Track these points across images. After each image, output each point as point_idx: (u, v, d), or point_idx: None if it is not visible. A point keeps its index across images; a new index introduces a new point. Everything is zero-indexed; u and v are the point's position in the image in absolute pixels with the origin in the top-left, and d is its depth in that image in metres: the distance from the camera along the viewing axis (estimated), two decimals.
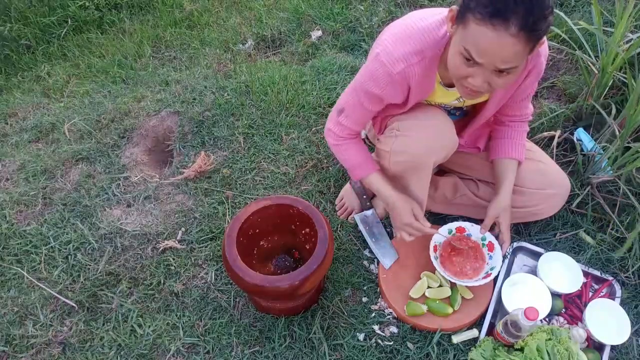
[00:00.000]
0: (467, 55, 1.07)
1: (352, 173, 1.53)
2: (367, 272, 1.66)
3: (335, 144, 1.51)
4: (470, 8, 1.02)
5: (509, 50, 1.03)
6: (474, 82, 1.12)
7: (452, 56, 1.13)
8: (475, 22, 1.02)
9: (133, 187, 1.92)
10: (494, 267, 1.52)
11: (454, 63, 1.13)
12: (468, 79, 1.13)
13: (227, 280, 1.64)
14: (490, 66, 1.07)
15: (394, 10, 2.66)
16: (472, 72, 1.11)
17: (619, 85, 1.90)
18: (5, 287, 1.65)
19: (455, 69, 1.14)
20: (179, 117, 2.15)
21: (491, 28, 1.00)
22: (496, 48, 1.03)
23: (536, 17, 0.99)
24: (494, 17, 0.99)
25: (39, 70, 2.72)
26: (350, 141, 1.49)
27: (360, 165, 1.50)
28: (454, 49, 1.11)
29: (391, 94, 1.32)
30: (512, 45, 1.02)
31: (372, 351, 1.48)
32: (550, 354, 1.32)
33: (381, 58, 1.24)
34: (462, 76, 1.13)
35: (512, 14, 0.98)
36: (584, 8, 2.44)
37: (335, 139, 1.50)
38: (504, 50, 1.03)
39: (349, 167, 1.53)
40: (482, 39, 1.03)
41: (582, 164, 1.77)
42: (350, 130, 1.46)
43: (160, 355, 1.50)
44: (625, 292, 1.56)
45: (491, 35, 1.01)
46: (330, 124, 1.49)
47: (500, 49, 1.03)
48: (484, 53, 1.05)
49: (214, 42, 2.69)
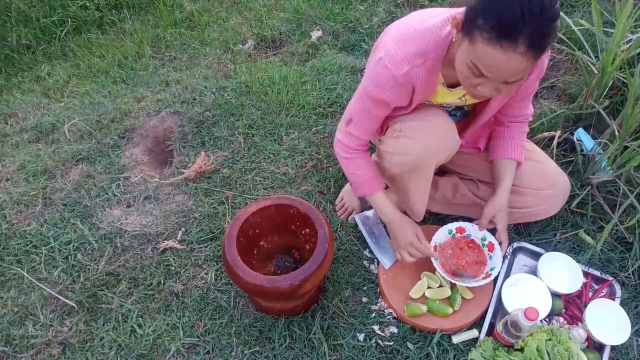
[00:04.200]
0: (475, 70, 1.09)
1: (357, 189, 1.53)
2: (367, 272, 1.66)
3: (345, 157, 1.49)
4: (477, 26, 1.02)
5: (518, 67, 1.04)
6: (483, 91, 1.14)
7: (460, 66, 1.14)
8: (482, 42, 1.02)
9: (133, 187, 1.92)
10: (494, 267, 1.52)
11: (462, 73, 1.15)
12: (477, 87, 1.15)
13: (227, 280, 1.64)
14: (499, 79, 1.09)
15: (394, 11, 2.66)
16: (480, 82, 1.12)
17: (619, 86, 1.90)
18: (5, 287, 1.65)
19: (464, 79, 1.15)
20: (179, 117, 2.15)
21: (499, 49, 1.01)
22: (505, 67, 1.04)
23: (545, 33, 1.00)
24: (502, 39, 1.00)
25: (39, 70, 2.72)
26: (360, 155, 1.48)
27: (368, 182, 1.49)
28: (462, 60, 1.12)
29: (396, 97, 1.31)
30: (521, 63, 1.03)
31: (372, 351, 1.48)
32: (550, 354, 1.32)
33: (384, 62, 1.24)
34: (471, 85, 1.15)
35: (520, 34, 0.98)
36: (584, 8, 2.44)
37: (345, 151, 1.48)
38: (513, 68, 1.04)
39: (355, 182, 1.52)
40: (490, 58, 1.04)
41: (582, 164, 1.77)
42: (360, 140, 1.45)
43: (160, 355, 1.50)
44: (625, 292, 1.56)
45: (500, 55, 1.02)
46: (340, 135, 1.48)
47: (509, 67, 1.04)
48: (493, 70, 1.07)
49: (214, 42, 2.69)
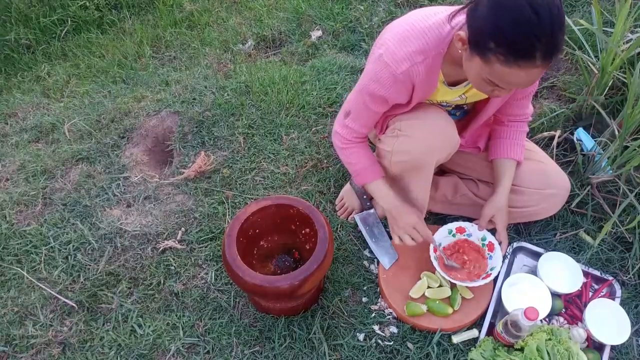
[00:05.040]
0: (492, 84, 1.13)
1: (356, 178, 1.53)
2: (367, 272, 1.66)
3: (342, 147, 1.50)
4: (489, 49, 1.04)
5: (536, 77, 1.08)
6: (499, 94, 1.18)
7: (475, 78, 1.16)
8: (499, 63, 1.05)
9: (133, 187, 1.92)
10: (494, 267, 1.52)
11: (478, 85, 1.18)
12: (494, 92, 1.18)
13: (227, 280, 1.64)
14: (517, 88, 1.15)
15: (394, 10, 2.66)
16: (497, 89, 1.16)
17: (618, 85, 1.90)
18: (5, 287, 1.65)
19: (479, 87, 1.19)
20: (179, 117, 2.15)
21: (517, 68, 1.04)
22: (524, 80, 1.07)
23: (558, 40, 1.01)
24: (519, 59, 1.02)
25: (39, 70, 2.72)
26: (357, 145, 1.49)
27: (366, 170, 1.49)
28: (477, 73, 1.13)
29: (396, 95, 1.32)
30: (539, 73, 1.06)
31: (372, 351, 1.48)
32: (550, 354, 1.32)
33: (384, 59, 1.24)
34: (487, 91, 1.19)
35: (536, 51, 1.00)
36: (584, 8, 2.44)
37: (342, 142, 1.49)
38: (532, 80, 1.08)
39: (354, 171, 1.52)
40: (508, 77, 1.07)
41: (582, 164, 1.77)
42: (357, 133, 1.46)
43: (160, 355, 1.50)
44: (625, 292, 1.56)
45: (518, 72, 1.05)
46: (337, 126, 1.49)
47: (528, 80, 1.08)
48: (512, 84, 1.11)
49: (214, 42, 2.69)
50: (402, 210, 1.49)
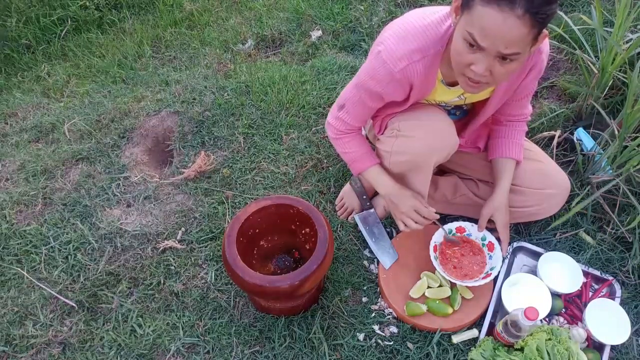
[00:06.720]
0: (471, 40, 1.07)
1: (352, 166, 1.54)
2: (367, 272, 1.66)
3: (335, 137, 1.52)
4: None
5: (514, 32, 1.02)
6: (477, 69, 1.10)
7: (455, 43, 1.12)
8: (481, 4, 1.02)
9: (133, 187, 1.92)
10: (494, 267, 1.52)
11: (456, 50, 1.12)
12: (471, 67, 1.11)
13: (227, 280, 1.64)
14: (494, 51, 1.06)
15: (394, 10, 2.66)
16: (474, 59, 1.10)
17: (619, 85, 1.90)
18: (5, 287, 1.65)
19: (458, 56, 1.13)
20: (179, 117, 2.15)
21: (497, 9, 1.00)
22: (501, 29, 1.02)
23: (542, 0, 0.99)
24: None
25: (39, 70, 2.72)
26: (350, 134, 1.50)
27: (362, 158, 1.50)
28: (458, 35, 1.11)
29: (392, 92, 1.32)
30: (517, 28, 1.01)
31: (372, 351, 1.48)
32: (550, 354, 1.32)
33: (383, 56, 1.24)
34: (465, 64, 1.12)
35: None
36: (584, 7, 2.44)
37: (335, 133, 1.51)
38: (509, 32, 1.02)
39: (349, 160, 1.53)
40: (487, 19, 1.02)
41: (582, 164, 1.77)
42: (349, 126, 1.47)
43: (160, 355, 1.50)
44: (625, 292, 1.56)
45: (497, 15, 1.00)
46: (331, 118, 1.51)
47: (505, 31, 1.02)
48: (489, 35, 1.04)
49: (214, 42, 2.69)
50: (402, 194, 1.49)
